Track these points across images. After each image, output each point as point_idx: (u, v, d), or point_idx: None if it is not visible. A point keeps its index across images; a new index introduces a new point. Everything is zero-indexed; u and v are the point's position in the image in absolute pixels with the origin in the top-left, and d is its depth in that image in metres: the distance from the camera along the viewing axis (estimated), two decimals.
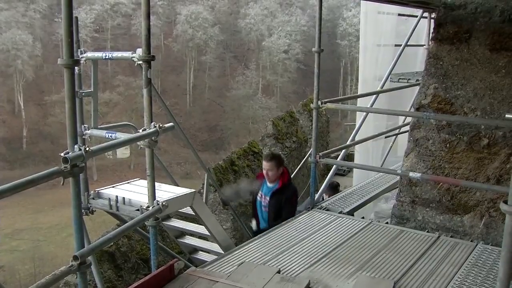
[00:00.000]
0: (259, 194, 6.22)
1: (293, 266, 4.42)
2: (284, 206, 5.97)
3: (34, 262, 30.81)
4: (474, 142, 5.35)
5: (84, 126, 4.65)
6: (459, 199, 5.50)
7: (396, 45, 9.78)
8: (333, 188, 7.99)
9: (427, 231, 5.43)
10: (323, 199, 6.87)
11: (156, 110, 4.16)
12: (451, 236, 5.28)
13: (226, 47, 70.90)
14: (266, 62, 67.60)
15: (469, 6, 5.39)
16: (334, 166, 7.40)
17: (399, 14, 9.95)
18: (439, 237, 5.17)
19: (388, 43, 10.31)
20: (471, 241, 5.15)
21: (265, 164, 6.04)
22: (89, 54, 4.53)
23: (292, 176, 6.60)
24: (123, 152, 52.36)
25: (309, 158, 6.30)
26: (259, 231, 5.95)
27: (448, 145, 5.52)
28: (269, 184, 6.09)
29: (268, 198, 6.06)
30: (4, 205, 36.47)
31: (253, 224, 6.34)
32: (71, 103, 3.03)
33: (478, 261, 4.62)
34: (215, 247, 5.52)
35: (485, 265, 4.53)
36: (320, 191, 6.69)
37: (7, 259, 30.62)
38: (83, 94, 4.63)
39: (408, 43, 8.93)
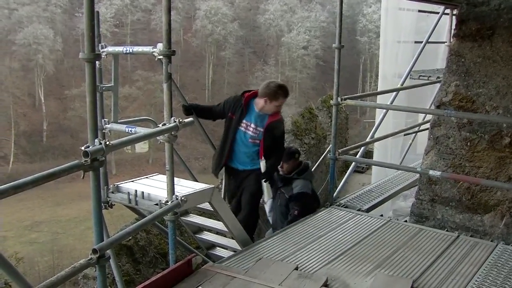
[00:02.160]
0: (240, 120, 5.52)
1: (311, 263, 4.41)
2: (276, 147, 5.62)
3: (53, 254, 31.14)
4: (496, 141, 5.29)
5: (104, 120, 4.67)
6: (479, 198, 5.44)
7: (416, 42, 9.71)
8: (290, 154, 6.01)
9: (447, 230, 5.39)
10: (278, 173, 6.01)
11: (175, 105, 4.16)
12: (470, 236, 5.23)
13: (245, 43, 70.87)
14: (285, 58, 67.47)
15: (492, 3, 5.32)
16: (353, 163, 7.37)
17: (419, 11, 9.86)
18: (458, 236, 5.12)
19: (408, 40, 10.24)
20: (491, 241, 5.09)
21: (281, 101, 5.48)
22: (110, 49, 4.54)
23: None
24: (141, 147, 52.72)
25: (328, 155, 6.27)
26: (231, 171, 5.73)
27: (469, 144, 5.45)
28: (257, 110, 5.49)
29: (260, 129, 5.49)
30: (24, 198, 36.92)
31: (214, 159, 5.81)
32: (92, 97, 3.05)
33: (498, 261, 4.57)
34: (233, 243, 5.52)
35: (506, 266, 4.48)
36: (338, 188, 6.66)
37: (27, 251, 30.96)
38: (103, 88, 4.66)
39: (429, 40, 8.85)
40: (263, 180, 5.54)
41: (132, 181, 4.88)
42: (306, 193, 5.81)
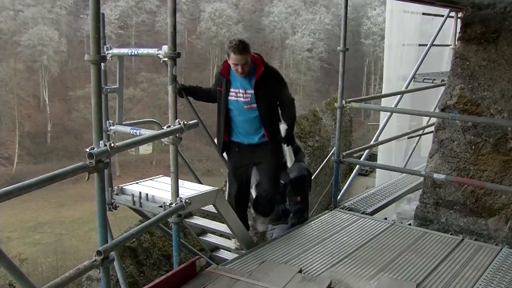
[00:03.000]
0: (228, 91, 5.01)
1: (314, 266, 4.41)
2: (281, 100, 5.07)
3: (57, 255, 31.15)
4: (501, 144, 5.28)
5: (109, 122, 4.68)
6: (483, 202, 5.43)
7: (420, 45, 9.71)
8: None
9: (451, 234, 5.37)
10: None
11: (179, 106, 4.18)
12: (475, 239, 5.21)
13: None
14: (289, 61, 67.46)
15: (497, 6, 5.31)
16: (357, 166, 7.37)
17: (424, 13, 9.86)
18: (462, 239, 5.10)
19: (412, 43, 10.24)
20: (496, 244, 5.07)
21: (238, 58, 4.73)
22: (115, 51, 4.55)
23: (314, 175, 6.43)
24: (145, 148, 52.74)
25: (332, 157, 6.26)
26: (235, 146, 5.19)
27: (473, 147, 5.44)
28: (240, 76, 4.92)
29: (250, 92, 4.92)
30: (28, 199, 36.96)
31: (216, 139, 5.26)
32: (97, 99, 3.05)
33: (503, 265, 4.55)
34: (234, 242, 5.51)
35: (510, 270, 4.46)
36: (342, 191, 6.65)
37: (30, 252, 30.96)
38: (108, 90, 4.67)
39: (434, 43, 8.85)
40: (285, 144, 5.00)
41: (137, 183, 4.89)
42: (304, 175, 5.67)
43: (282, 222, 5.72)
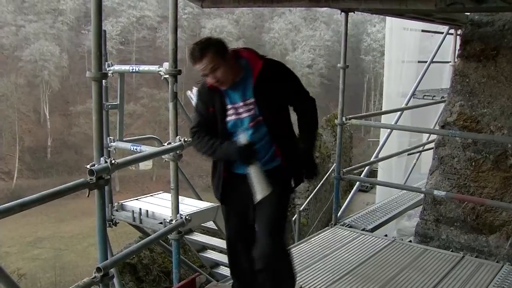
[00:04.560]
0: (224, 109, 3.49)
1: (315, 283, 4.39)
2: (295, 99, 3.61)
3: (55, 270, 30.98)
4: (501, 161, 5.28)
5: (110, 138, 4.69)
6: (484, 219, 5.42)
7: (419, 62, 9.74)
8: None
9: (451, 251, 5.35)
10: None
11: (180, 122, 4.19)
12: (476, 256, 5.19)
13: None
14: None
15: (496, 23, 5.35)
16: (358, 182, 7.36)
17: (423, 30, 9.90)
18: (463, 257, 5.08)
19: (411, 59, 10.28)
20: (497, 262, 5.05)
21: (200, 67, 3.32)
22: (116, 67, 4.58)
23: (314, 191, 6.39)
24: (145, 164, 52.57)
25: (332, 174, 6.26)
26: (238, 179, 3.53)
27: (473, 164, 5.45)
28: (223, 87, 3.45)
29: (251, 100, 3.46)
30: (27, 213, 36.77)
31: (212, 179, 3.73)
32: (98, 116, 3.06)
33: (504, 282, 4.53)
34: None
35: None
36: (343, 207, 6.64)
37: (29, 267, 30.81)
38: (109, 106, 4.69)
39: (433, 60, 8.88)
40: (303, 170, 3.64)
41: (137, 199, 4.90)
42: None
43: None
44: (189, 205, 4.61)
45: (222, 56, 3.29)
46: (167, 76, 3.97)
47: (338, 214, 6.16)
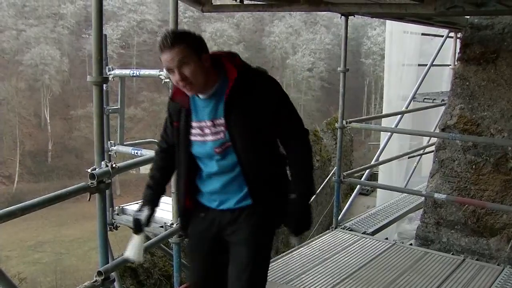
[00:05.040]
0: (188, 126, 2.78)
1: (316, 287, 4.39)
2: (282, 124, 2.76)
3: (56, 274, 30.96)
4: (501, 164, 5.29)
5: (111, 142, 4.70)
6: (485, 222, 5.42)
7: (420, 65, 9.75)
8: None
9: (452, 254, 5.35)
10: None
11: None
12: (476, 259, 5.19)
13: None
14: (290, 80, 67.63)
15: (496, 27, 5.36)
16: (358, 186, 7.37)
17: (423, 34, 9.92)
18: (464, 260, 5.08)
19: (412, 63, 10.28)
20: (498, 264, 5.06)
21: (167, 58, 2.61)
22: (117, 72, 4.60)
23: (315, 195, 6.33)
24: (146, 168, 52.51)
25: (333, 178, 6.26)
26: (203, 213, 2.89)
27: (474, 167, 5.45)
28: (202, 96, 2.74)
29: (222, 120, 2.69)
30: (27, 217, 36.76)
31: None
32: (99, 120, 3.07)
33: (505, 285, 4.54)
34: None
35: None
36: (344, 210, 6.64)
37: (30, 271, 30.79)
38: (110, 110, 4.70)
39: (433, 63, 8.90)
40: (293, 224, 2.84)
41: (137, 203, 4.89)
42: None
43: None
44: None
45: (196, 52, 2.58)
46: (167, 80, 3.98)
47: (339, 218, 6.16)
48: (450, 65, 9.50)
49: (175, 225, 3.99)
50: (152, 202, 2.94)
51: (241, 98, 2.63)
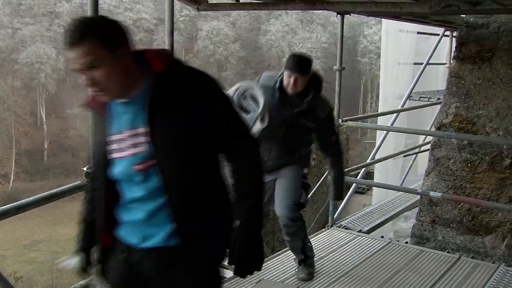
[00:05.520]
0: (103, 139, 2.12)
1: (311, 285, 4.40)
2: (225, 131, 2.14)
3: (52, 273, 30.92)
4: (496, 162, 5.30)
5: None
6: (480, 220, 5.43)
7: (415, 64, 9.78)
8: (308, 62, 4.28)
9: (448, 252, 5.37)
10: None
11: None
12: (472, 257, 5.21)
13: (246, 63, 71.18)
14: None
15: (491, 25, 5.38)
16: (354, 184, 7.37)
17: (419, 33, 9.95)
18: (459, 258, 5.09)
19: (407, 61, 10.32)
20: (493, 262, 5.07)
21: (72, 56, 1.95)
22: None
23: (311, 193, 6.31)
24: None
25: (328, 176, 6.27)
26: (125, 254, 2.19)
27: (469, 165, 5.47)
28: (122, 100, 2.06)
29: (142, 128, 2.03)
30: (23, 216, 36.57)
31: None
32: None
33: (500, 283, 4.55)
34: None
35: None
36: (339, 209, 6.65)
37: (26, 270, 30.77)
38: None
39: (429, 62, 8.92)
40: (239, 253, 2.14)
41: None
42: (332, 109, 4.59)
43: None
44: None
45: (109, 47, 1.91)
46: None
47: (335, 216, 6.17)
48: (446, 63, 9.52)
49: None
50: (87, 242, 2.31)
51: (170, 101, 2.00)
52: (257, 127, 3.91)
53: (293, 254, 4.57)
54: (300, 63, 4.09)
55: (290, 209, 4.14)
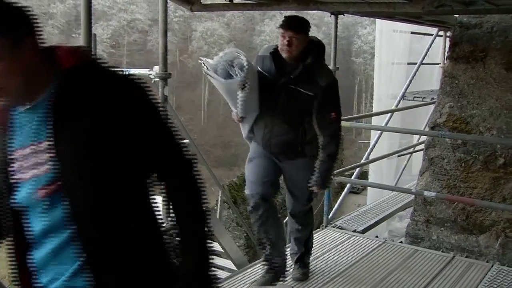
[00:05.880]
0: (5, 154, 1.58)
1: (306, 285, 4.40)
2: (157, 148, 1.67)
3: None
4: (490, 162, 5.32)
5: None
6: (474, 219, 5.45)
7: (409, 63, 9.80)
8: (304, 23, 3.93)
9: (442, 251, 5.38)
10: None
11: None
12: (466, 256, 5.22)
13: None
14: None
15: (485, 25, 5.39)
16: (349, 184, 7.39)
17: (412, 33, 9.97)
18: (454, 257, 5.11)
19: (401, 61, 10.34)
20: (487, 261, 5.09)
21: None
22: None
23: None
24: None
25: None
26: None
27: (463, 164, 5.48)
28: (24, 107, 1.55)
29: (45, 143, 1.53)
30: None
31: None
32: None
33: (494, 282, 4.56)
34: (228, 263, 5.50)
35: (501, 287, 4.48)
36: (334, 209, 6.66)
37: None
38: None
39: (423, 61, 8.94)
40: None
41: None
42: (336, 81, 4.13)
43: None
44: None
45: (10, 39, 1.43)
46: (157, 79, 3.98)
47: (329, 216, 6.17)
48: (440, 63, 9.54)
49: (166, 224, 3.99)
50: None
51: (80, 107, 1.52)
52: (239, 96, 3.73)
53: (289, 252, 4.56)
54: (294, 21, 3.76)
55: (304, 204, 4.17)
